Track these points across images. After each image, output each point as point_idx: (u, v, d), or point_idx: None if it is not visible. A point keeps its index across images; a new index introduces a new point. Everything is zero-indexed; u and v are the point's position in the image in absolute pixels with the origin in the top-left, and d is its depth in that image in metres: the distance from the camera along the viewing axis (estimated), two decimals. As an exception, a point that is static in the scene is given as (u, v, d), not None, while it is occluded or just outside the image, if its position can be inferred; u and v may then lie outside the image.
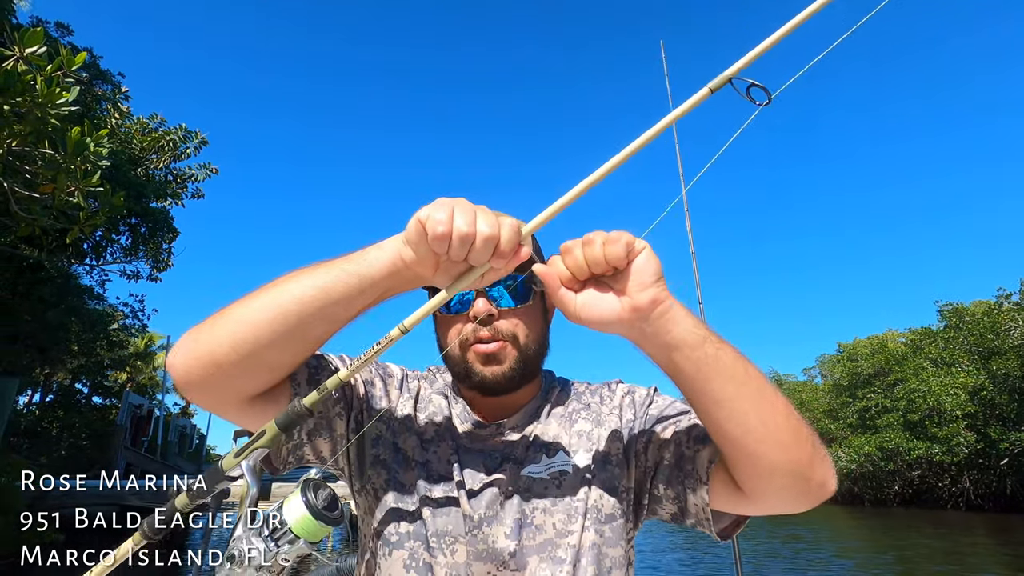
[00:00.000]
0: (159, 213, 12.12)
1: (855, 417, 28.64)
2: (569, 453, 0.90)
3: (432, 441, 0.90)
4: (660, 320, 0.71)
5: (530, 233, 0.67)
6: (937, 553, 13.62)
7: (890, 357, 27.71)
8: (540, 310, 0.91)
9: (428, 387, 0.98)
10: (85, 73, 10.12)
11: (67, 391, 22.05)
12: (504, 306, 0.85)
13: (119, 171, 9.80)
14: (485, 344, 0.85)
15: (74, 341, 15.49)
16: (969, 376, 23.22)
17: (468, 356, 0.86)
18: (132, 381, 29.11)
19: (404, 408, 0.93)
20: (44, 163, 4.14)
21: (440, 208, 0.63)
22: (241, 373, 0.71)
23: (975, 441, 22.84)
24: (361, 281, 0.69)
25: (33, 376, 17.32)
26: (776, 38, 0.65)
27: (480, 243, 0.63)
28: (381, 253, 0.69)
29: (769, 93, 0.64)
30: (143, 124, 12.79)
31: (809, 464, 0.73)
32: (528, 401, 0.96)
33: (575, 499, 0.85)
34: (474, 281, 0.68)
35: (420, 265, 0.67)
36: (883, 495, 27.23)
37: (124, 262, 12.60)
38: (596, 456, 0.90)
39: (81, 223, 4.47)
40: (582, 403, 0.97)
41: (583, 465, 0.88)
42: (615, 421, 0.94)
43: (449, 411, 0.94)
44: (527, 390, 0.95)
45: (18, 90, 3.59)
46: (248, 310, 0.70)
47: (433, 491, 0.85)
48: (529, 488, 0.86)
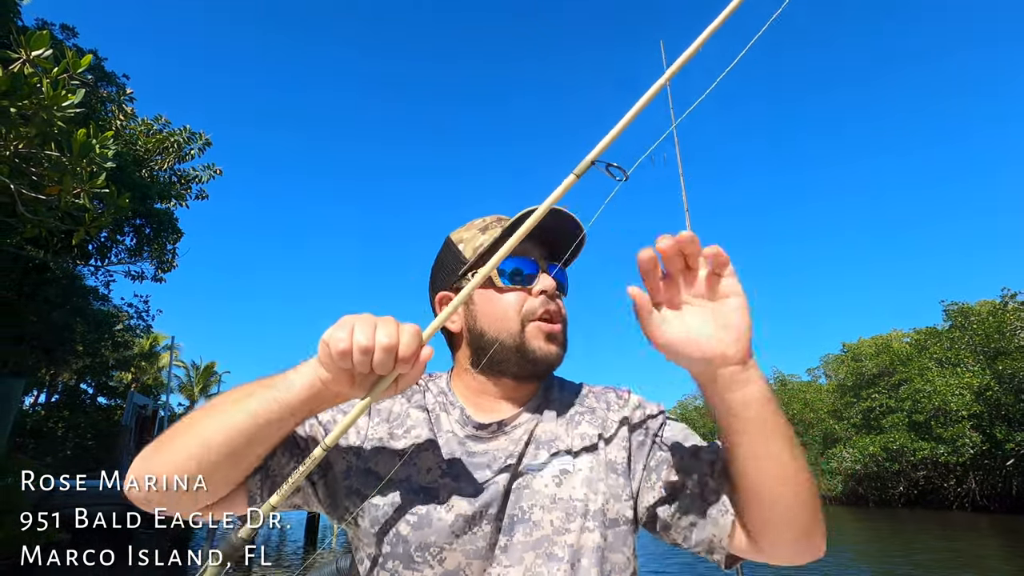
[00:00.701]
0: (163, 214, 12.18)
1: (859, 417, 28.52)
2: (571, 453, 0.88)
3: (414, 455, 0.87)
4: (749, 371, 0.73)
5: (430, 336, 0.72)
6: (950, 557, 13.54)
7: (895, 357, 27.57)
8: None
9: (404, 402, 0.96)
10: (90, 75, 10.16)
11: (72, 391, 22.17)
12: (559, 289, 0.93)
13: (124, 172, 9.85)
14: (550, 323, 0.90)
15: (79, 342, 15.57)
16: (975, 376, 23.09)
17: (527, 332, 0.89)
18: (137, 381, 29.24)
19: (376, 431, 0.91)
20: (50, 165, 4.17)
21: (341, 327, 0.69)
22: (192, 496, 0.76)
23: (981, 442, 22.72)
24: (283, 408, 0.74)
25: (39, 376, 17.42)
26: (627, 121, 0.71)
27: (380, 354, 0.67)
28: (299, 377, 0.73)
29: (624, 171, 0.73)
30: (148, 125, 12.86)
31: (815, 519, 0.77)
32: (530, 398, 0.95)
33: (574, 499, 0.84)
34: (388, 388, 0.72)
35: (336, 383, 0.72)
36: (888, 496, 27.10)
37: (129, 263, 12.67)
38: (599, 460, 0.88)
39: (87, 224, 4.50)
40: (586, 406, 0.96)
41: (586, 467, 0.87)
42: (623, 431, 0.93)
43: (432, 422, 0.92)
44: (532, 385, 0.96)
45: (24, 93, 3.62)
46: (191, 440, 0.75)
47: (415, 505, 0.83)
48: (528, 484, 0.85)
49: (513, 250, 0.78)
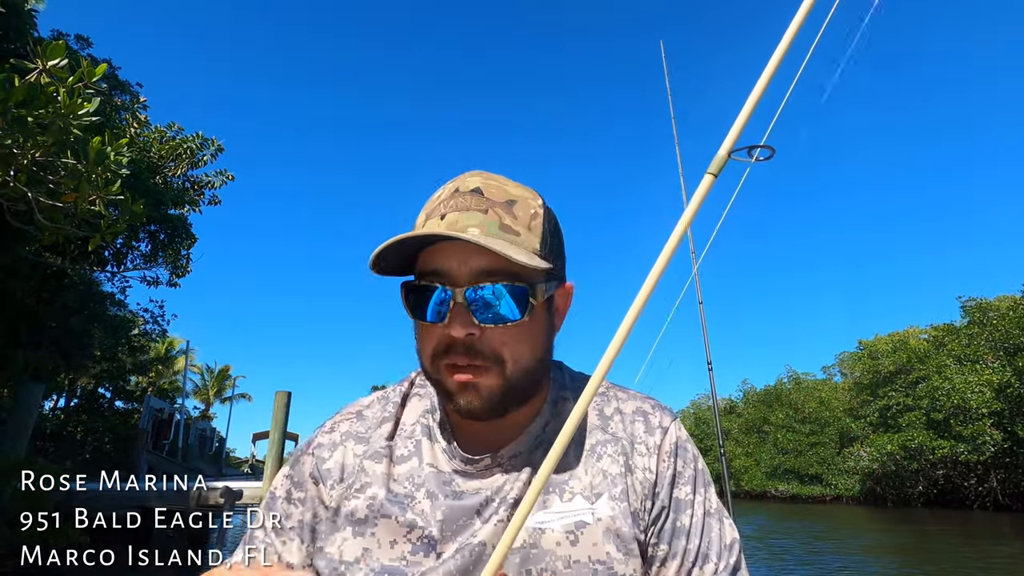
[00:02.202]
0: (177, 220, 12.34)
1: (877, 416, 28.15)
2: (589, 498, 0.71)
3: (373, 518, 0.72)
4: None
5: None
6: (973, 558, 13.29)
7: (912, 354, 27.20)
8: (541, 321, 0.73)
9: (358, 450, 0.80)
10: (104, 84, 10.33)
11: (91, 396, 22.54)
12: (487, 323, 0.67)
13: (139, 179, 10.00)
14: (459, 371, 0.68)
15: (97, 346, 15.83)
16: (994, 373, 22.70)
17: (443, 376, 0.70)
18: (153, 385, 29.66)
19: (329, 498, 0.77)
20: (67, 173, 4.24)
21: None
22: None
23: (1002, 439, 22.32)
24: None
25: (58, 381, 17.71)
26: (753, 102, 0.63)
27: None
28: None
29: (771, 148, 0.61)
30: (161, 133, 13.04)
31: None
32: (531, 421, 0.76)
33: (595, 562, 0.67)
34: None
35: None
36: (906, 495, 26.71)
37: (144, 268, 12.86)
38: (623, 509, 0.71)
39: (103, 231, 4.56)
40: (609, 432, 0.76)
41: (607, 516, 0.70)
42: (649, 473, 0.74)
43: (419, 453, 0.76)
44: (529, 407, 0.76)
45: (42, 102, 3.69)
46: None
47: (384, 564, 0.69)
48: (536, 542, 0.68)
49: (426, 271, 0.69)
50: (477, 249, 0.66)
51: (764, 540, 16.63)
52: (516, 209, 0.71)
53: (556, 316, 0.78)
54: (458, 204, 0.70)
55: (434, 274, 0.69)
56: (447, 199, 0.71)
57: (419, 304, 0.70)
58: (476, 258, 0.67)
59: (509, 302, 0.68)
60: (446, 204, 0.70)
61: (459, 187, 0.72)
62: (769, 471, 34.41)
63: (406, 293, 0.71)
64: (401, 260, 0.72)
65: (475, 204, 0.69)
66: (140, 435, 17.64)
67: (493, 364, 0.68)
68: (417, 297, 0.70)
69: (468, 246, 0.66)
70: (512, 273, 0.67)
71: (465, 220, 0.68)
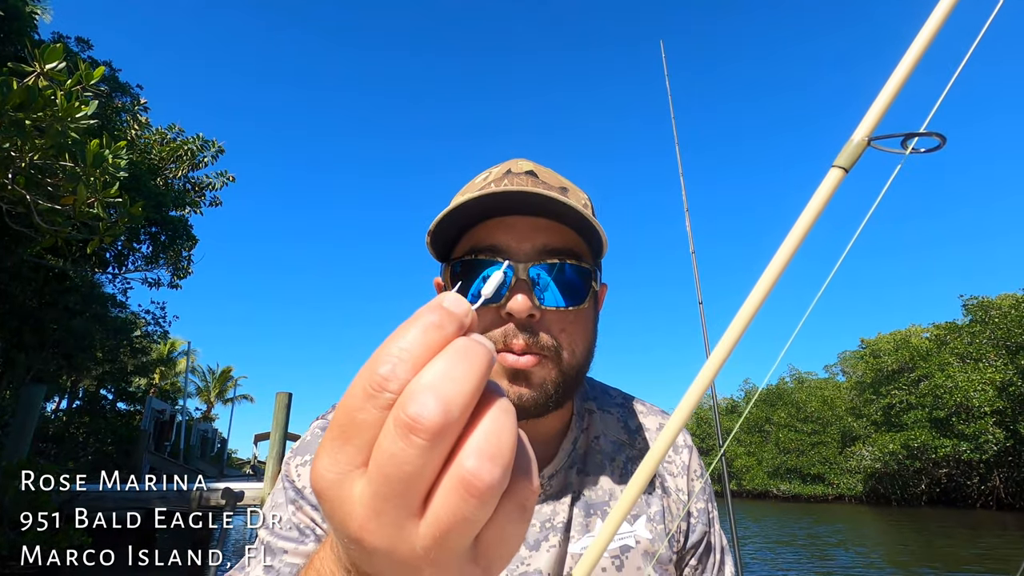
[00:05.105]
0: (178, 221, 12.35)
1: (879, 414, 28.12)
2: (629, 520, 0.68)
3: None
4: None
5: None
6: (978, 557, 13.28)
7: (914, 353, 27.16)
8: (593, 313, 0.68)
9: None
10: (104, 86, 10.36)
11: (93, 397, 22.57)
12: (549, 304, 0.62)
13: (139, 181, 10.02)
14: (516, 356, 0.62)
15: (99, 348, 15.86)
16: (997, 371, 22.66)
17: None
18: (155, 387, 29.69)
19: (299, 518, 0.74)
20: (65, 175, 4.24)
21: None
22: None
23: (1004, 438, 22.27)
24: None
25: (60, 383, 17.74)
26: (900, 81, 0.43)
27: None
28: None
29: (941, 136, 0.41)
30: (161, 135, 13.06)
31: None
32: (562, 435, 0.72)
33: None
34: None
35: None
36: (909, 494, 26.67)
37: (145, 270, 12.87)
38: (660, 531, 0.69)
39: (101, 233, 4.57)
40: (637, 449, 0.73)
41: (645, 539, 0.67)
42: (681, 494, 0.73)
43: None
44: (560, 415, 0.72)
45: (39, 105, 3.69)
46: None
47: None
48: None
49: (482, 246, 0.63)
50: (537, 225, 0.62)
51: (764, 540, 16.63)
52: (570, 196, 0.67)
53: (599, 306, 0.72)
54: (514, 182, 0.65)
55: (492, 250, 0.62)
56: (499, 178, 0.67)
57: (471, 283, 0.63)
58: (540, 234, 0.63)
59: (575, 283, 0.63)
60: (498, 183, 0.65)
61: (511, 168, 0.69)
62: (771, 470, 34.38)
63: (453, 272, 0.65)
64: (444, 241, 0.66)
65: (532, 184, 0.65)
66: (142, 436, 17.67)
67: (550, 352, 0.63)
68: (469, 274, 0.63)
69: (528, 221, 0.62)
70: (576, 254, 0.63)
71: None
